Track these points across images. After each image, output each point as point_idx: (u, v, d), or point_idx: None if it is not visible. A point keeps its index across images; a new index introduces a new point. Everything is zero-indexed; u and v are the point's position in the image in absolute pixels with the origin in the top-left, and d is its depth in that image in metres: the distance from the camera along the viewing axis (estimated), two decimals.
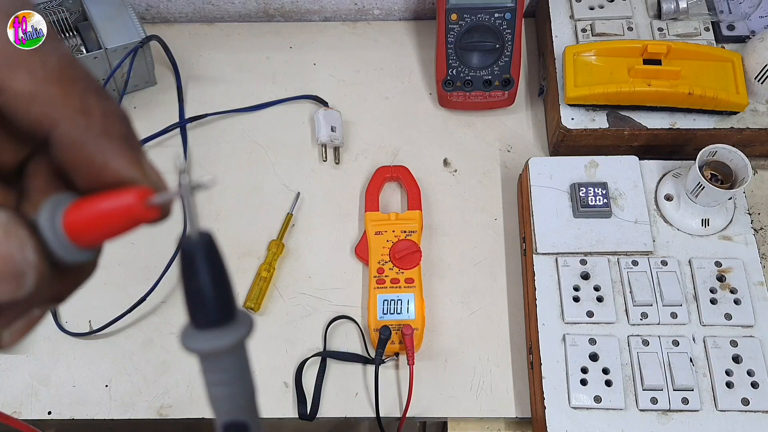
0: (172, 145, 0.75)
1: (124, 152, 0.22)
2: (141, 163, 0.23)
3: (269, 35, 0.83)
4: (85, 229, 0.22)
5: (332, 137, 0.73)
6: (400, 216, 0.69)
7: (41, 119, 0.22)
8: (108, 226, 0.22)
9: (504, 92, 0.74)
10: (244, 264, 0.68)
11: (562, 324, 0.60)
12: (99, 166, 0.22)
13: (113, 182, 0.22)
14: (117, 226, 0.22)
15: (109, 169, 0.22)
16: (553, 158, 0.68)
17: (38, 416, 0.62)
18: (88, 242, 0.22)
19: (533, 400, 0.61)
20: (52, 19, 0.70)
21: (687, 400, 0.57)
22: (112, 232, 0.22)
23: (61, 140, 0.22)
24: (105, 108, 0.22)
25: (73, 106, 0.22)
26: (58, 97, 0.22)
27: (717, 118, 0.68)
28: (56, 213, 0.22)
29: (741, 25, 0.73)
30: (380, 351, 0.62)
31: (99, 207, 0.22)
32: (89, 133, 0.22)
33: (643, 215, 0.64)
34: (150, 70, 0.76)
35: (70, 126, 0.22)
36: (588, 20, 0.73)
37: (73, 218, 0.22)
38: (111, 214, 0.21)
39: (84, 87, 0.22)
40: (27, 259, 0.21)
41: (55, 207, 0.22)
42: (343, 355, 0.64)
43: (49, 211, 0.22)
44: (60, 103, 0.22)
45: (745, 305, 0.60)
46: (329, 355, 0.64)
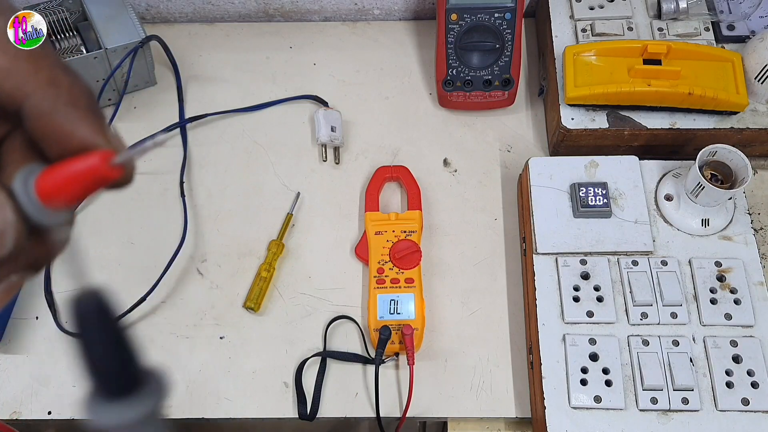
0: (172, 145, 0.75)
1: (89, 120, 0.25)
2: (104, 130, 0.25)
3: (269, 35, 0.83)
4: (55, 192, 0.24)
5: (332, 137, 0.73)
6: (400, 216, 0.69)
7: (14, 92, 0.24)
8: (76, 187, 0.24)
9: (504, 92, 0.74)
10: (244, 264, 0.68)
11: (562, 324, 0.60)
12: (67, 134, 0.24)
13: (80, 148, 0.24)
14: (84, 186, 0.24)
15: (76, 136, 0.24)
16: (553, 158, 0.68)
17: (38, 416, 0.62)
18: (60, 204, 0.24)
19: (533, 400, 0.61)
20: (52, 19, 0.70)
21: (687, 400, 0.57)
22: (81, 192, 0.24)
23: (33, 111, 0.24)
24: (71, 81, 0.25)
25: (43, 79, 0.24)
26: (29, 71, 0.24)
27: (717, 118, 0.68)
28: (29, 179, 0.24)
29: (741, 25, 0.73)
30: (380, 351, 0.62)
31: (67, 170, 0.24)
32: (57, 103, 0.24)
33: (643, 215, 0.64)
34: (150, 70, 0.76)
35: (40, 97, 0.24)
36: (588, 20, 0.73)
37: (45, 183, 0.24)
38: (78, 176, 0.23)
39: (52, 62, 0.25)
40: (6, 219, 0.23)
41: (28, 174, 0.24)
42: (343, 355, 0.64)
43: (23, 178, 0.24)
44: (31, 76, 0.24)
45: (745, 305, 0.60)
46: (329, 355, 0.64)
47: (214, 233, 0.70)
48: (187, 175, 0.73)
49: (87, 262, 0.23)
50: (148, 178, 0.73)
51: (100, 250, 0.69)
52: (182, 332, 0.65)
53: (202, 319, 0.66)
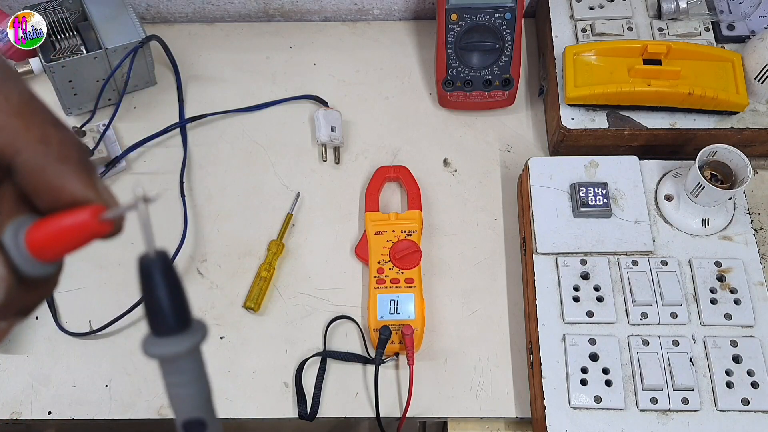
0: (172, 145, 0.75)
1: (79, 176, 0.25)
2: (95, 184, 0.25)
3: (269, 35, 0.83)
4: (45, 245, 0.24)
5: (332, 137, 0.73)
6: (400, 216, 0.69)
7: (5, 148, 0.24)
8: (65, 241, 0.24)
9: (504, 92, 0.74)
10: (244, 264, 0.68)
11: (562, 324, 0.60)
12: (57, 189, 0.25)
13: (70, 202, 0.25)
14: (74, 241, 0.24)
15: (66, 191, 0.25)
16: (553, 158, 0.68)
17: (38, 416, 0.62)
18: (49, 257, 0.25)
19: (533, 400, 0.61)
20: (52, 19, 0.70)
21: (687, 400, 0.57)
22: (70, 246, 0.24)
23: (24, 166, 0.25)
24: (62, 137, 0.25)
25: (34, 135, 0.25)
26: (20, 128, 0.25)
27: (717, 118, 0.68)
28: (19, 232, 0.24)
29: (741, 25, 0.73)
30: (380, 351, 0.62)
31: (57, 225, 0.24)
32: (48, 159, 0.25)
33: (643, 215, 0.64)
34: (150, 70, 0.76)
35: (31, 153, 0.25)
36: (588, 20, 0.73)
37: (35, 236, 0.24)
38: (68, 231, 0.24)
39: (43, 119, 0.25)
40: None
41: (18, 227, 0.25)
42: (343, 355, 0.64)
43: (13, 231, 0.24)
44: (22, 133, 0.25)
45: (745, 305, 0.60)
46: (329, 355, 0.64)
47: (214, 233, 0.70)
48: (187, 175, 0.73)
49: (152, 229, 0.25)
50: (148, 178, 0.73)
51: (101, 250, 0.69)
52: None
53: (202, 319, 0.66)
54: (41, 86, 0.77)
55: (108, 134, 0.73)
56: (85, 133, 0.71)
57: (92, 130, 0.72)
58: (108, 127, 0.72)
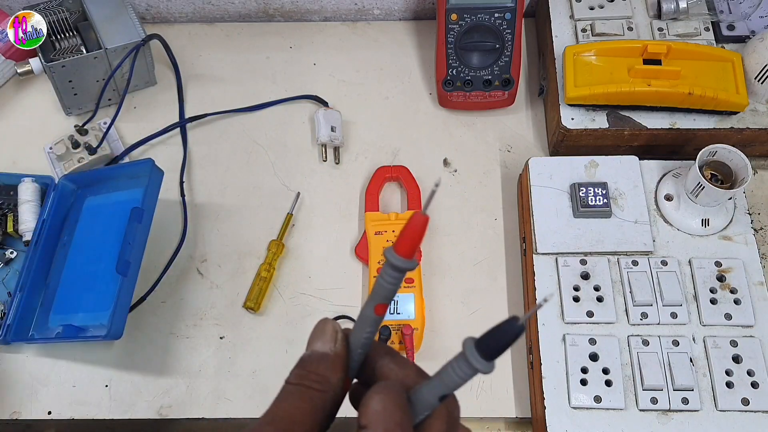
0: (173, 144, 0.75)
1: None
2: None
3: (269, 35, 0.83)
4: None
5: (332, 137, 0.73)
6: (400, 216, 0.69)
7: None
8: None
9: (504, 92, 0.74)
10: (244, 264, 0.68)
11: (562, 324, 0.60)
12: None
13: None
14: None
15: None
16: (553, 158, 0.68)
17: (38, 416, 0.62)
18: None
19: (533, 400, 0.61)
20: (52, 19, 0.70)
21: (687, 400, 0.57)
22: None
23: None
24: None
25: None
26: None
27: (717, 118, 0.68)
28: None
29: (741, 25, 0.73)
30: None
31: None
32: None
33: (643, 215, 0.64)
34: (150, 70, 0.76)
35: None
36: (588, 20, 0.73)
37: None
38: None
39: None
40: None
41: None
42: None
43: None
44: None
45: (745, 305, 0.60)
46: None
47: (214, 233, 0.70)
48: (187, 175, 0.73)
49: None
50: None
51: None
52: (182, 332, 0.65)
53: (202, 319, 0.66)
54: (41, 86, 0.77)
55: (110, 132, 0.73)
56: (87, 131, 0.71)
57: (94, 128, 0.72)
58: (111, 125, 0.72)
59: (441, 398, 0.28)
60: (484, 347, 0.27)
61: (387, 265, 0.28)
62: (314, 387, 0.28)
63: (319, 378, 0.28)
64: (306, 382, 0.28)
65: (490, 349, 0.27)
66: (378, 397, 0.27)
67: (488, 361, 0.27)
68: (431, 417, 0.28)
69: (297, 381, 0.28)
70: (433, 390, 0.28)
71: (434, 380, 0.29)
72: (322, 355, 0.28)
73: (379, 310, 0.29)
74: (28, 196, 0.67)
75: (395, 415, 0.26)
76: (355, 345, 0.30)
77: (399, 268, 0.28)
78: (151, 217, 0.64)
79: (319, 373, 0.28)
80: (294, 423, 0.26)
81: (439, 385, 0.28)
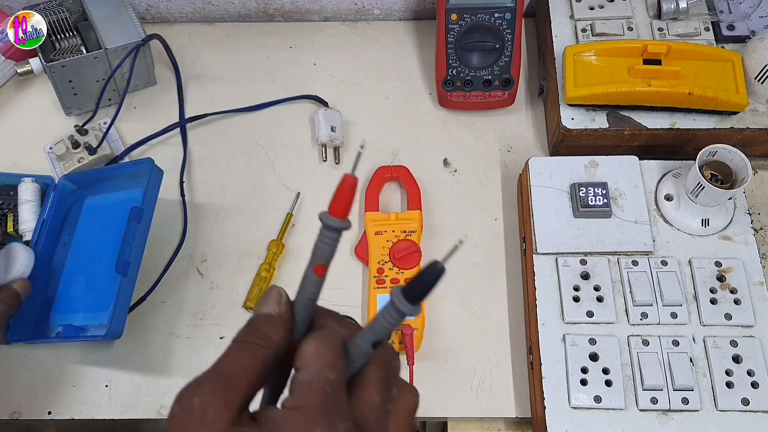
0: (173, 144, 0.75)
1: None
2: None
3: (269, 35, 0.83)
4: None
5: (332, 137, 0.73)
6: (400, 216, 0.69)
7: None
8: None
9: (504, 92, 0.74)
10: (244, 264, 0.68)
11: (562, 324, 0.60)
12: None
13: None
14: None
15: None
16: (553, 158, 0.68)
17: (38, 416, 0.62)
18: None
19: (533, 400, 0.61)
20: (52, 19, 0.70)
21: (687, 400, 0.57)
22: None
23: None
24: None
25: None
26: None
27: (717, 118, 0.68)
28: None
29: (741, 25, 0.73)
30: None
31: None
32: None
33: (643, 215, 0.64)
34: (150, 70, 0.76)
35: None
36: (588, 20, 0.73)
37: None
38: None
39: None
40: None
41: None
42: None
43: None
44: None
45: (745, 305, 0.60)
46: None
47: (214, 233, 0.70)
48: (187, 175, 0.73)
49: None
50: None
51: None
52: (182, 332, 0.65)
53: (202, 319, 0.66)
54: (41, 86, 0.77)
55: (110, 132, 0.73)
56: (87, 131, 0.71)
57: (94, 128, 0.72)
58: (111, 125, 0.72)
59: (374, 345, 0.30)
60: (409, 293, 0.29)
61: (323, 227, 0.31)
62: (257, 343, 0.30)
63: (263, 335, 0.30)
64: (250, 338, 0.30)
65: (414, 293, 0.29)
66: (312, 342, 0.29)
67: (414, 305, 0.29)
68: (366, 364, 0.30)
69: (242, 338, 0.30)
70: (366, 338, 0.30)
71: (367, 329, 0.30)
72: (267, 316, 0.31)
73: (318, 270, 0.31)
74: (28, 196, 0.67)
75: (327, 356, 0.29)
76: (298, 306, 0.32)
77: (334, 228, 0.31)
78: (150, 217, 0.64)
79: (263, 331, 0.30)
80: (236, 374, 0.28)
81: (371, 332, 0.30)
